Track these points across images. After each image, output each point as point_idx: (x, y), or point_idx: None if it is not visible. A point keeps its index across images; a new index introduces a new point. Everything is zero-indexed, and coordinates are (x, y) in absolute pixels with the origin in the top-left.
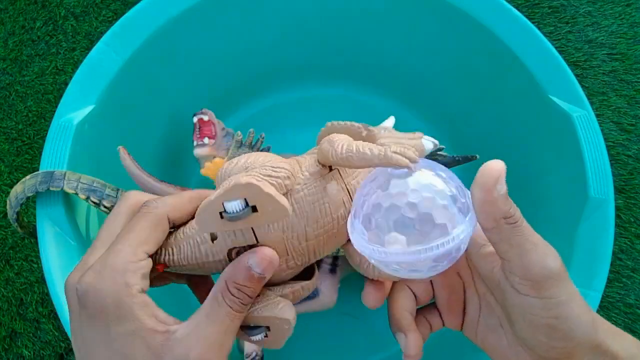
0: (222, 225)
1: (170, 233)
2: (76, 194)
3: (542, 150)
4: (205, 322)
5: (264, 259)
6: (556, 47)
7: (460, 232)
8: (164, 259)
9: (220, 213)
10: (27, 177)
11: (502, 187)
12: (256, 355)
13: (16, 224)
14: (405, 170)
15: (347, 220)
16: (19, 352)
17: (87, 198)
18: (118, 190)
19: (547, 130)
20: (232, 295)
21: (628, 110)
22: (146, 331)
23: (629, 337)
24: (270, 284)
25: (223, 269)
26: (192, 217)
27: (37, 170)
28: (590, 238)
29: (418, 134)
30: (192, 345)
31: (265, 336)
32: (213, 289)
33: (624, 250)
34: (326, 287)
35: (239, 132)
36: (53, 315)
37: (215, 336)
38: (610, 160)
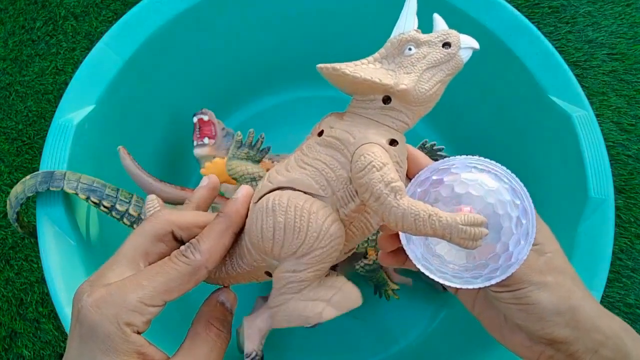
0: None
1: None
2: (76, 194)
3: (542, 150)
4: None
5: (231, 296)
6: (556, 47)
7: (522, 255)
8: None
9: None
10: (27, 177)
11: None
12: (256, 355)
13: (16, 223)
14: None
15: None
16: (19, 352)
17: (87, 198)
18: (118, 190)
19: (547, 130)
20: (215, 328)
21: (628, 110)
22: None
23: (614, 318)
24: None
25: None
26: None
27: (37, 170)
28: (590, 238)
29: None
30: None
31: None
32: (194, 326)
33: (624, 250)
34: None
35: (239, 132)
36: (53, 315)
37: None
38: (610, 160)
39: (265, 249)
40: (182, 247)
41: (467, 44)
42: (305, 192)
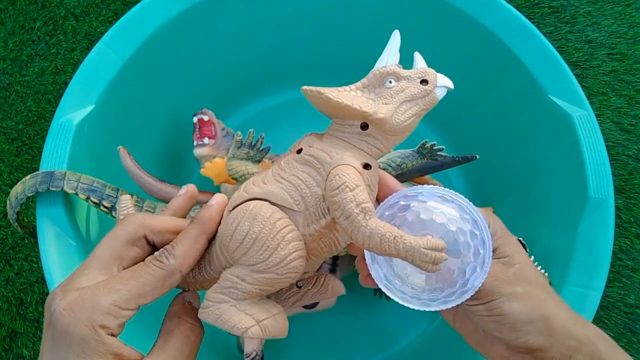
0: None
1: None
2: (76, 194)
3: (542, 150)
4: (165, 356)
5: (196, 297)
6: (556, 47)
7: (477, 282)
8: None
9: None
10: (27, 177)
11: None
12: (256, 355)
13: (16, 223)
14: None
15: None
16: (19, 352)
17: (87, 198)
18: (118, 190)
19: (547, 130)
20: (188, 322)
21: (628, 110)
22: None
23: (589, 325)
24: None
25: None
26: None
27: (37, 170)
28: (590, 238)
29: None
30: None
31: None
32: (165, 324)
33: (624, 250)
34: None
35: (239, 132)
36: None
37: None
38: (610, 160)
39: (229, 248)
40: (157, 253)
41: (442, 83)
42: (279, 205)
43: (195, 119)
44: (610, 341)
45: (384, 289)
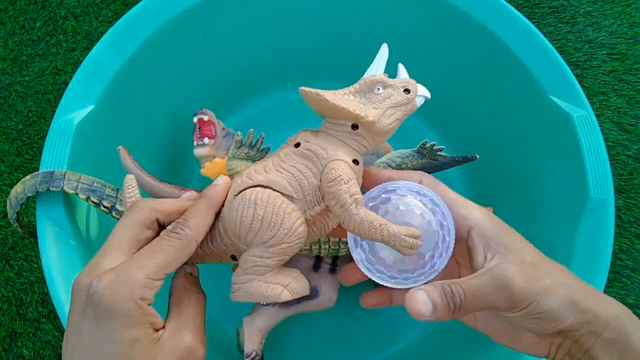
0: None
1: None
2: (76, 194)
3: (542, 150)
4: (183, 321)
5: (195, 268)
6: (556, 47)
7: (442, 265)
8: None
9: None
10: (27, 177)
11: (429, 309)
12: (256, 355)
13: (16, 224)
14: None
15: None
16: (19, 352)
17: (87, 198)
18: (118, 190)
19: (547, 130)
20: (194, 292)
21: (628, 110)
22: (148, 339)
23: (615, 303)
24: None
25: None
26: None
27: (37, 170)
28: (590, 238)
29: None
30: (180, 339)
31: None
32: (174, 296)
33: (624, 250)
34: (326, 287)
35: (239, 132)
36: (53, 315)
37: (193, 322)
38: (610, 160)
39: (240, 235)
40: (170, 226)
41: (422, 93)
42: (280, 192)
43: (195, 119)
44: (635, 318)
45: (364, 270)
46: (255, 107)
